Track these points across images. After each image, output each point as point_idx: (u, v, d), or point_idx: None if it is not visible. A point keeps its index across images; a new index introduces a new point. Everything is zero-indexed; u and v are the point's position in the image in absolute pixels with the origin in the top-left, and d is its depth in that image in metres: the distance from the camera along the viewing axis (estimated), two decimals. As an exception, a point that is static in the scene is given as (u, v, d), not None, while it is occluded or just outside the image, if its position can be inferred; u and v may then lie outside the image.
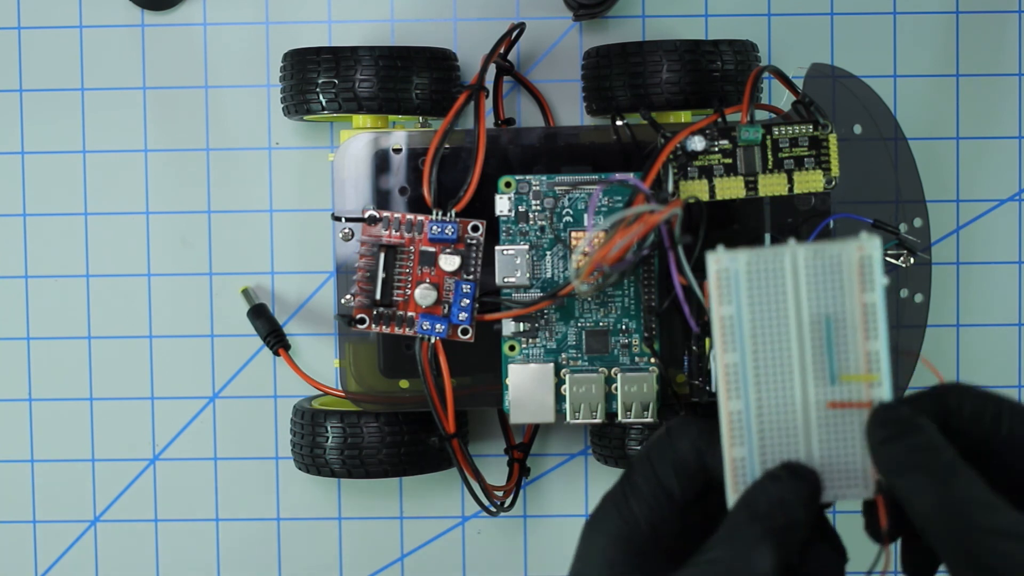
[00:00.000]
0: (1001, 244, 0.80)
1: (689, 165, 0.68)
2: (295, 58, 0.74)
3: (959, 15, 0.80)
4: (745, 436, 0.51)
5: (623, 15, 0.80)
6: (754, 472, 0.51)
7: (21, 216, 0.81)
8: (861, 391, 0.51)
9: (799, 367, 0.51)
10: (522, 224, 0.70)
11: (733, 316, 0.51)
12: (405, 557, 0.81)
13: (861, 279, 0.51)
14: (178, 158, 0.80)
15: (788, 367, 0.51)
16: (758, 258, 0.51)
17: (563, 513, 0.81)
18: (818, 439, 0.51)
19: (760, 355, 0.51)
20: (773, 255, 0.51)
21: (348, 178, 0.72)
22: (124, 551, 0.81)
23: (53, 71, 0.80)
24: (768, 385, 0.51)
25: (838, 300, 0.51)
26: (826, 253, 0.51)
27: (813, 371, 0.51)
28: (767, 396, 0.51)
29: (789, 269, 0.51)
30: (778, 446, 0.51)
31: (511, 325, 0.70)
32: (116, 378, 0.81)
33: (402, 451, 0.74)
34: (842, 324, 0.51)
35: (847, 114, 0.73)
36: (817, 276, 0.51)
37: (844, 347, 0.51)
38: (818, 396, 0.51)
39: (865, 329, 0.51)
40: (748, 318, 0.51)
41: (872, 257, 0.51)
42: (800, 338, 0.51)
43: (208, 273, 0.80)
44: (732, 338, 0.51)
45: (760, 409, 0.51)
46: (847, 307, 0.51)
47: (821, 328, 0.51)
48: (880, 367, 0.51)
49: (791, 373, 0.51)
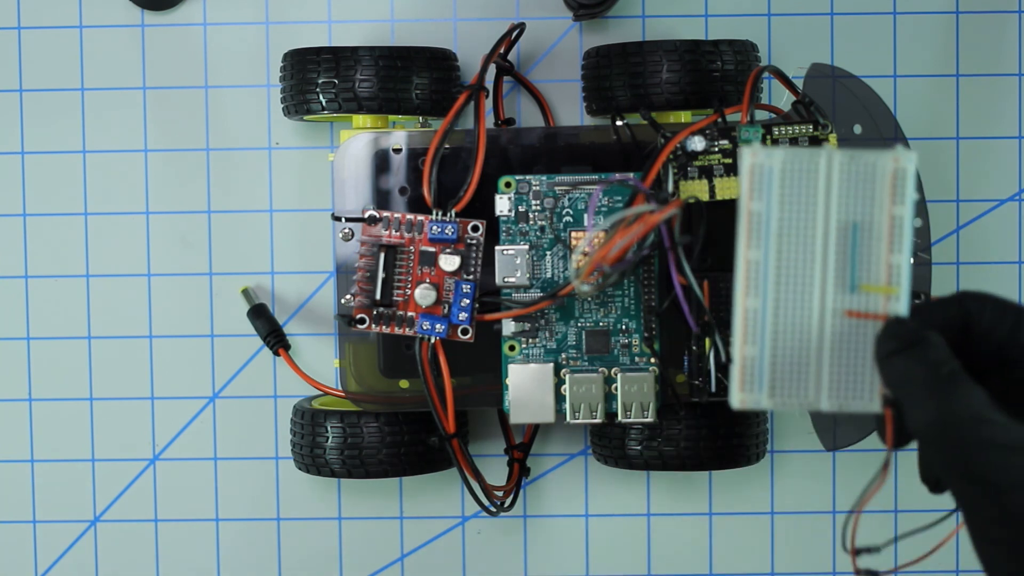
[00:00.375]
0: (1001, 244, 0.80)
1: (689, 165, 0.68)
2: (295, 58, 0.74)
3: (959, 15, 0.80)
4: (758, 335, 0.51)
5: (623, 15, 0.80)
6: (763, 371, 0.51)
7: (21, 216, 0.80)
8: (879, 303, 0.51)
9: (820, 271, 0.51)
10: (522, 224, 0.70)
11: (762, 213, 0.51)
12: (405, 557, 0.81)
13: (893, 191, 0.51)
14: (178, 158, 0.80)
15: (810, 270, 0.51)
16: (794, 157, 0.51)
17: (563, 513, 0.81)
18: (830, 347, 0.51)
19: (784, 255, 0.51)
20: (809, 156, 0.51)
21: (348, 178, 0.72)
22: (124, 551, 0.81)
23: (53, 71, 0.80)
24: (788, 286, 0.51)
25: (867, 209, 0.51)
26: (862, 160, 0.51)
27: (834, 277, 0.51)
28: (785, 297, 0.51)
29: (823, 172, 0.51)
30: (790, 349, 0.51)
31: (511, 325, 0.70)
32: (116, 378, 0.81)
33: (402, 451, 0.74)
34: (868, 233, 0.51)
35: (847, 114, 0.73)
36: (850, 182, 0.51)
37: (867, 257, 0.51)
38: (836, 303, 0.51)
39: (891, 241, 0.51)
40: (776, 216, 0.51)
41: (907, 170, 0.51)
42: (825, 242, 0.51)
43: (208, 273, 0.80)
44: (758, 235, 0.51)
45: (777, 310, 0.51)
46: (875, 217, 0.51)
47: (847, 235, 0.51)
48: (901, 281, 0.51)
49: (812, 277, 0.51)
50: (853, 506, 0.51)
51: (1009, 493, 0.46)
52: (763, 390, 0.52)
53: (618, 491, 0.81)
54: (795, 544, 0.81)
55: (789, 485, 0.81)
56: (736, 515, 0.81)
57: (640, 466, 0.74)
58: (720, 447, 0.73)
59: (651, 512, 0.81)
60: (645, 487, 0.81)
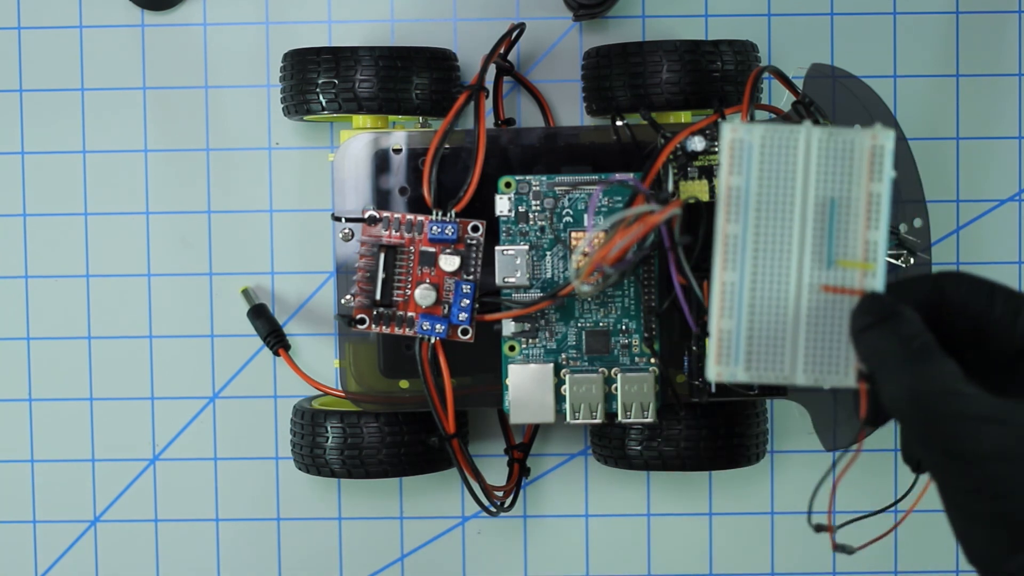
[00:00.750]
0: (1001, 244, 0.80)
1: (689, 165, 0.68)
2: (295, 58, 0.74)
3: (959, 15, 0.80)
4: (735, 309, 0.52)
5: (623, 15, 0.80)
6: (739, 345, 0.51)
7: (21, 216, 0.80)
8: (855, 278, 0.52)
9: (798, 246, 0.52)
10: (522, 224, 0.70)
11: (740, 187, 0.51)
12: (405, 557, 0.81)
13: (871, 168, 0.51)
14: (178, 158, 0.80)
15: (787, 245, 0.52)
16: (773, 133, 0.51)
17: (563, 513, 0.81)
18: (806, 321, 0.52)
19: (761, 230, 0.52)
20: (789, 132, 0.51)
21: (348, 178, 0.72)
22: (124, 551, 0.81)
23: (53, 71, 0.80)
24: (765, 261, 0.52)
25: (845, 185, 0.51)
26: (840, 137, 0.51)
27: (812, 252, 0.52)
28: (762, 272, 0.52)
29: (802, 148, 0.51)
30: (766, 323, 0.52)
31: (511, 325, 0.70)
32: (116, 378, 0.81)
33: (402, 451, 0.74)
34: (845, 210, 0.51)
35: (847, 114, 0.73)
36: (828, 158, 0.51)
37: (844, 233, 0.51)
38: (812, 279, 0.52)
39: (868, 218, 0.51)
40: (755, 191, 0.52)
41: (884, 147, 0.51)
42: (803, 218, 0.52)
43: (208, 273, 0.80)
44: (736, 209, 0.52)
45: (754, 284, 0.52)
46: (853, 193, 0.51)
47: (825, 211, 0.51)
48: (877, 257, 0.51)
49: (789, 252, 0.52)
50: (825, 476, 0.52)
51: (982, 464, 0.46)
52: (739, 363, 0.52)
53: (618, 491, 0.81)
54: (795, 544, 0.81)
55: (789, 485, 0.81)
56: (736, 515, 0.81)
57: (640, 466, 0.74)
58: (720, 447, 0.73)
59: (651, 512, 0.81)
60: (645, 487, 0.81)
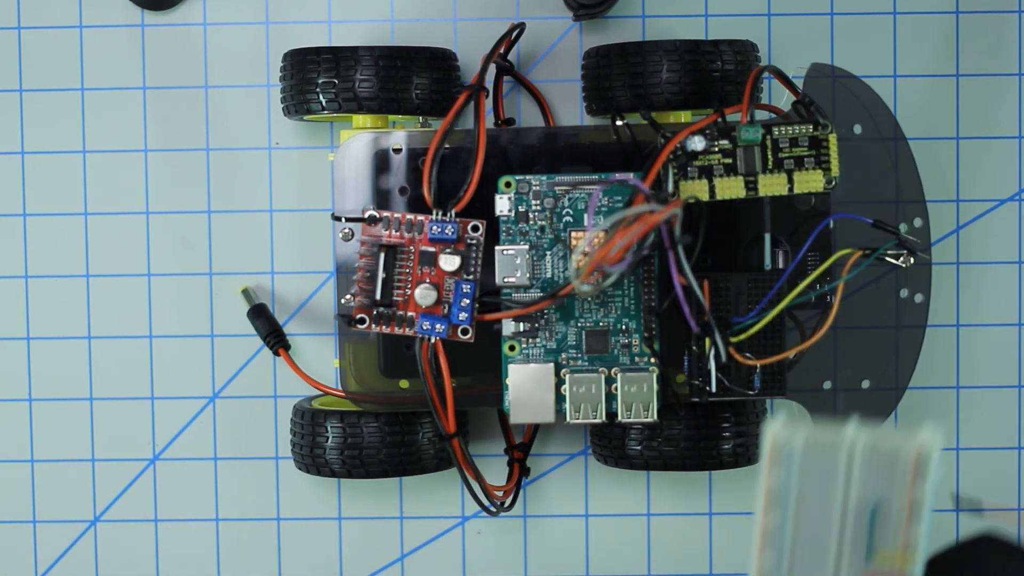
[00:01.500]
0: (1001, 244, 0.80)
1: (689, 165, 0.68)
2: (295, 58, 0.74)
3: (959, 15, 0.80)
4: None
5: (623, 15, 0.80)
6: None
7: (21, 216, 0.81)
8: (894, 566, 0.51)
9: (836, 542, 0.52)
10: (522, 224, 0.70)
11: (780, 489, 0.52)
12: (405, 557, 0.81)
13: (915, 472, 0.51)
14: (178, 158, 0.80)
15: (826, 538, 0.52)
16: (817, 439, 0.51)
17: (563, 513, 0.81)
18: None
19: (801, 523, 0.52)
20: (832, 440, 0.51)
21: (348, 178, 0.72)
22: (124, 551, 0.81)
23: (53, 71, 0.80)
24: (803, 553, 0.52)
25: (887, 487, 0.51)
26: (886, 446, 0.51)
27: (851, 547, 0.51)
28: (801, 562, 0.52)
29: (844, 455, 0.51)
30: None
31: (511, 325, 0.70)
32: (116, 378, 0.81)
33: (402, 451, 0.74)
34: (888, 508, 0.51)
35: (847, 114, 0.73)
36: (871, 465, 0.51)
37: (885, 528, 0.51)
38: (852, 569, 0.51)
39: (909, 516, 0.51)
40: (795, 489, 0.52)
41: (931, 455, 0.51)
42: (843, 516, 0.51)
43: (208, 273, 0.80)
44: (776, 503, 0.52)
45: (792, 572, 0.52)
46: (895, 495, 0.51)
47: (865, 511, 0.51)
48: (916, 552, 0.51)
49: (827, 546, 0.52)
50: None
51: None
52: None
53: (618, 491, 0.81)
54: (795, 544, 0.81)
55: (789, 485, 0.81)
56: (736, 515, 0.81)
57: (640, 466, 0.74)
58: (720, 447, 0.73)
59: (651, 512, 0.81)
60: (645, 487, 0.81)
